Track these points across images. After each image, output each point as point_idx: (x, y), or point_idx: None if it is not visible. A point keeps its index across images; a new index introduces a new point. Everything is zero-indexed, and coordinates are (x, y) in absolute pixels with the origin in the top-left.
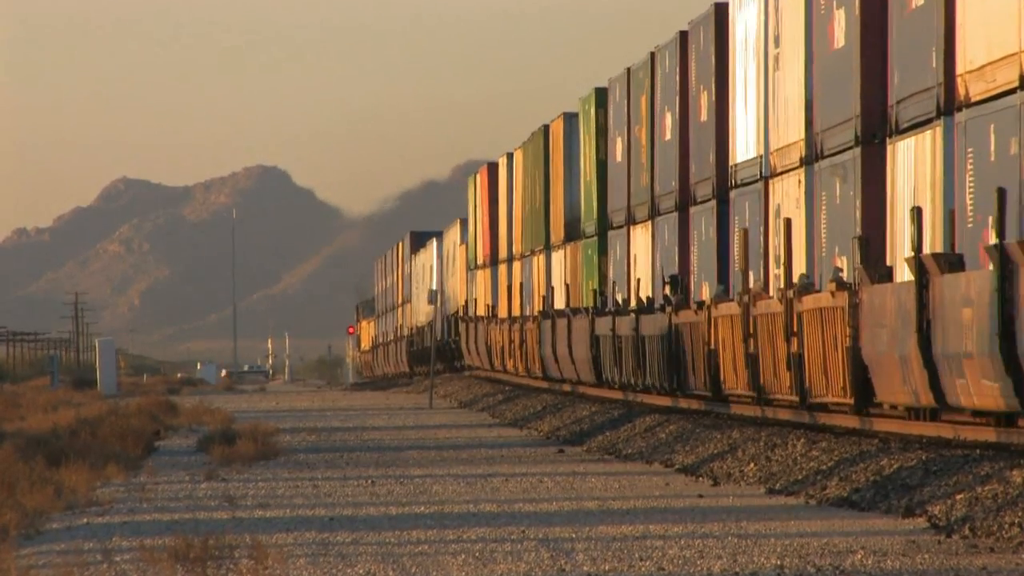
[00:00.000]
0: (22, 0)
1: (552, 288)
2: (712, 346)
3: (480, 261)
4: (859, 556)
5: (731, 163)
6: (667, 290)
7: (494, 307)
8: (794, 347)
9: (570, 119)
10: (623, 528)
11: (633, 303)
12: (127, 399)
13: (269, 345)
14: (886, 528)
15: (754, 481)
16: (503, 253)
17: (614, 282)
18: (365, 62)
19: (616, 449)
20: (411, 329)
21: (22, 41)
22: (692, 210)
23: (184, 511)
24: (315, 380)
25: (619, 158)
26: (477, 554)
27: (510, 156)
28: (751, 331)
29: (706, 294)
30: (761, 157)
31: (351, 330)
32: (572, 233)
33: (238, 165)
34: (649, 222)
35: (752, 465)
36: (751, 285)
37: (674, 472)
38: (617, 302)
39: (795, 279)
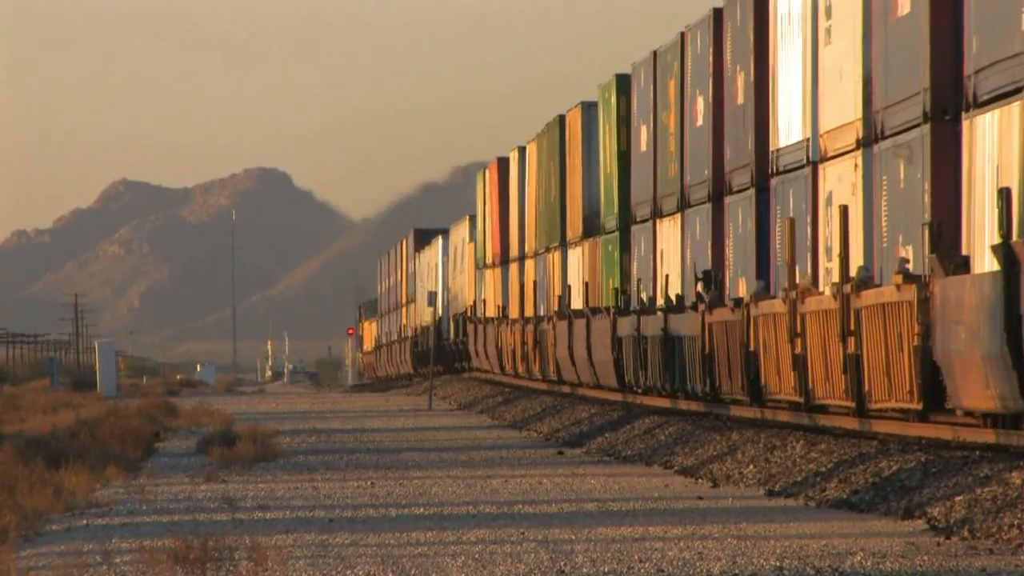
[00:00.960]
0: (22, 1)
1: (569, 287)
2: (752, 347)
3: (490, 260)
4: (858, 558)
5: (772, 148)
6: (699, 287)
7: (505, 308)
8: (850, 347)
9: (588, 108)
10: (623, 530)
11: (661, 301)
12: (127, 401)
13: (269, 347)
14: (885, 530)
15: (753, 483)
16: (515, 251)
17: (639, 280)
18: (365, 64)
19: (615, 451)
20: (415, 329)
21: (22, 42)
22: (727, 200)
23: (184, 513)
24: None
25: (644, 147)
26: (477, 556)
27: (522, 150)
28: (798, 330)
29: (743, 291)
30: (808, 140)
31: (351, 331)
32: (591, 229)
33: (238, 167)
34: (678, 214)
35: (751, 467)
36: (798, 280)
37: (673, 474)
38: (642, 301)
39: (852, 272)
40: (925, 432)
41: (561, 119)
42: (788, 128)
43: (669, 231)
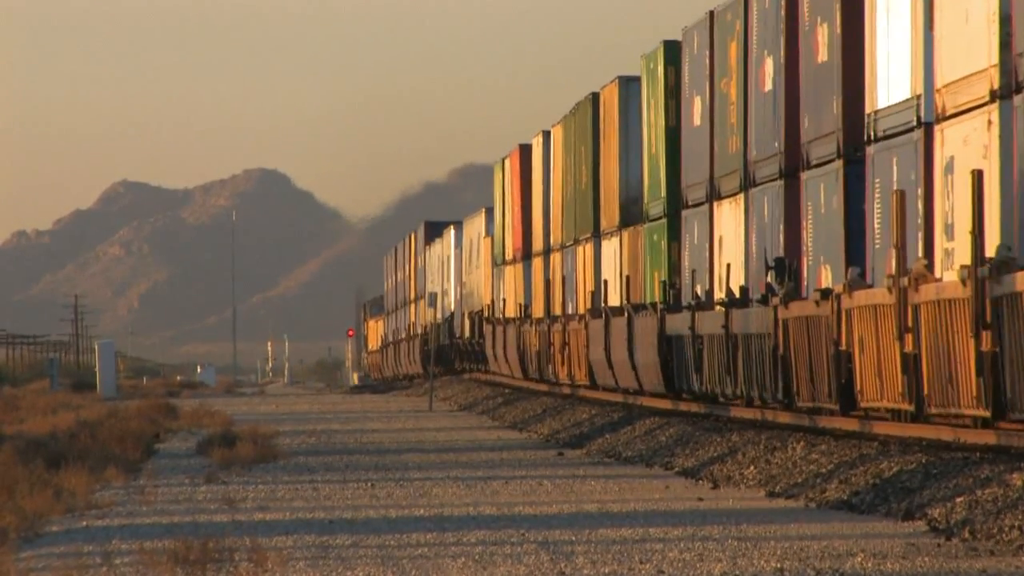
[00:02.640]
0: (22, 2)
1: (605, 282)
2: (844, 346)
3: (510, 255)
4: (859, 559)
5: (868, 111)
6: (769, 278)
7: (527, 306)
8: (985, 343)
9: (627, 84)
10: (623, 531)
11: (720, 295)
12: (126, 402)
13: (269, 348)
14: (886, 531)
15: (754, 484)
16: (538, 245)
17: (693, 271)
18: (365, 64)
19: (616, 452)
20: (425, 326)
21: (22, 43)
22: (804, 176)
23: (184, 514)
24: (315, 383)
25: (697, 122)
26: (477, 557)
27: (546, 134)
28: (909, 325)
29: (826, 280)
30: (919, 98)
31: (351, 333)
32: (630, 217)
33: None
34: (741, 195)
35: (752, 468)
36: (911, 264)
37: (674, 475)
38: (697, 295)
39: (989, 252)
40: (925, 433)
41: (594, 97)
42: (890, 85)
43: (729, 215)
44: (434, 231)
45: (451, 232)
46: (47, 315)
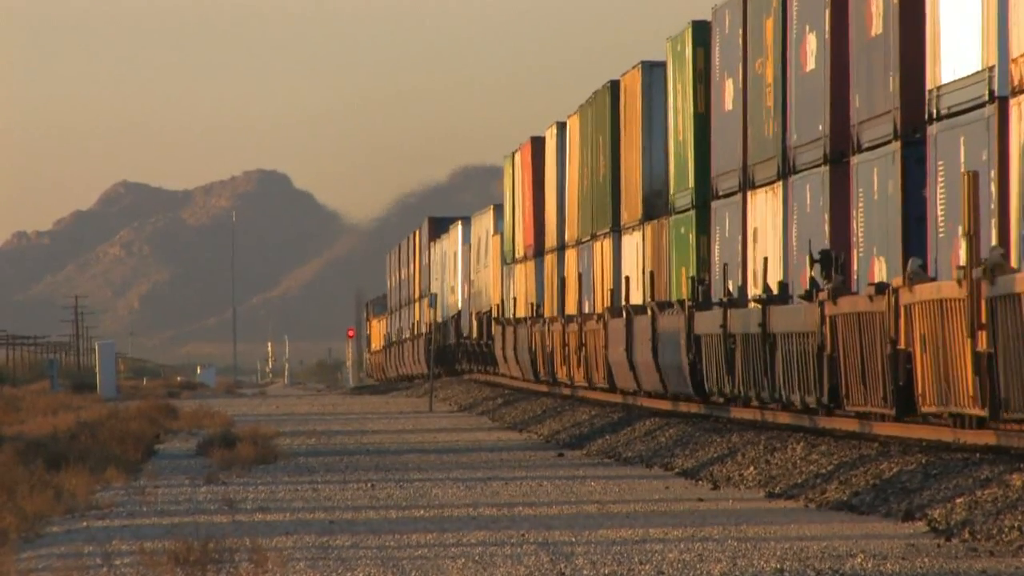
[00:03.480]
0: (21, 3)
1: (626, 279)
2: (903, 345)
3: (520, 252)
4: (859, 560)
5: (929, 87)
6: (813, 272)
7: (539, 306)
8: None
9: (651, 69)
10: (623, 532)
11: (755, 291)
12: (127, 403)
13: (269, 349)
14: (886, 532)
15: (754, 485)
16: (551, 241)
17: (725, 265)
18: (364, 65)
19: (616, 453)
20: (430, 325)
21: (22, 44)
22: (854, 160)
23: (184, 515)
24: (315, 384)
25: (729, 106)
26: (477, 558)
27: (561, 126)
28: (983, 321)
29: (880, 273)
30: (992, 69)
31: (351, 333)
32: (654, 209)
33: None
34: (778, 184)
35: (752, 469)
36: (984, 254)
37: (674, 476)
38: (729, 292)
39: None
40: (925, 434)
41: (614, 85)
42: (956, 58)
43: (765, 205)
44: (439, 227)
45: (458, 229)
46: (47, 316)
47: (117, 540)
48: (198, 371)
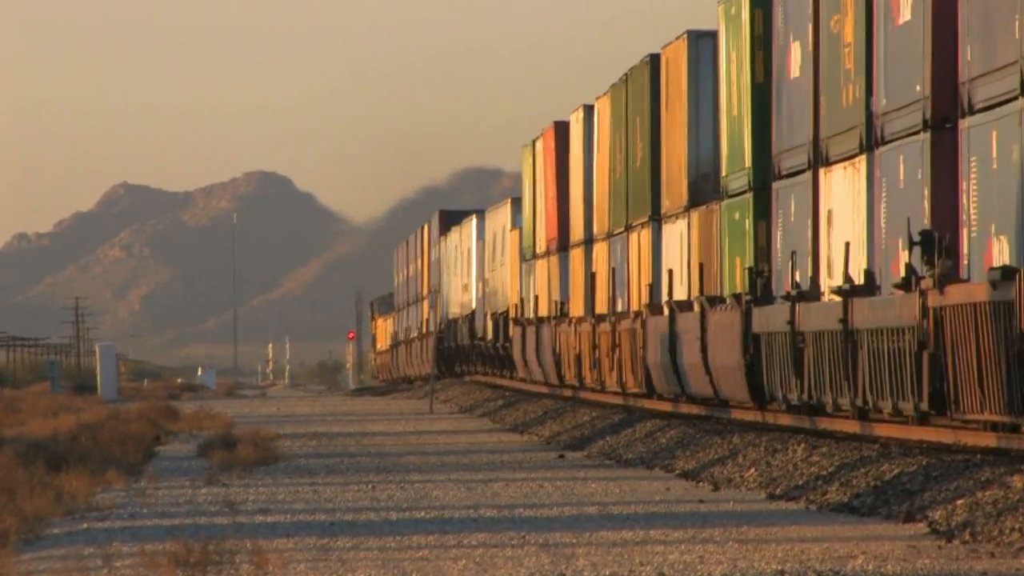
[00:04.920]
0: (22, 4)
1: (669, 272)
2: None
3: (542, 247)
4: (859, 561)
5: None
6: (912, 256)
7: (563, 304)
8: None
9: (697, 40)
10: (624, 533)
11: (831, 281)
12: (127, 404)
13: (270, 350)
14: (886, 533)
15: (755, 486)
16: (578, 234)
17: (793, 253)
18: (365, 66)
19: (617, 454)
20: (440, 323)
21: (21, 45)
22: (964, 124)
23: (184, 516)
24: (315, 385)
25: (796, 73)
26: (478, 559)
27: (588, 109)
28: None
29: (1001, 255)
30: None
31: (351, 335)
32: (701, 195)
33: (239, 170)
34: (861, 157)
35: (753, 470)
36: None
37: (675, 477)
38: (796, 284)
39: None
40: (926, 436)
41: (653, 59)
42: None
43: (843, 183)
44: (451, 221)
45: (472, 223)
46: (48, 317)
47: (117, 542)
48: (199, 373)
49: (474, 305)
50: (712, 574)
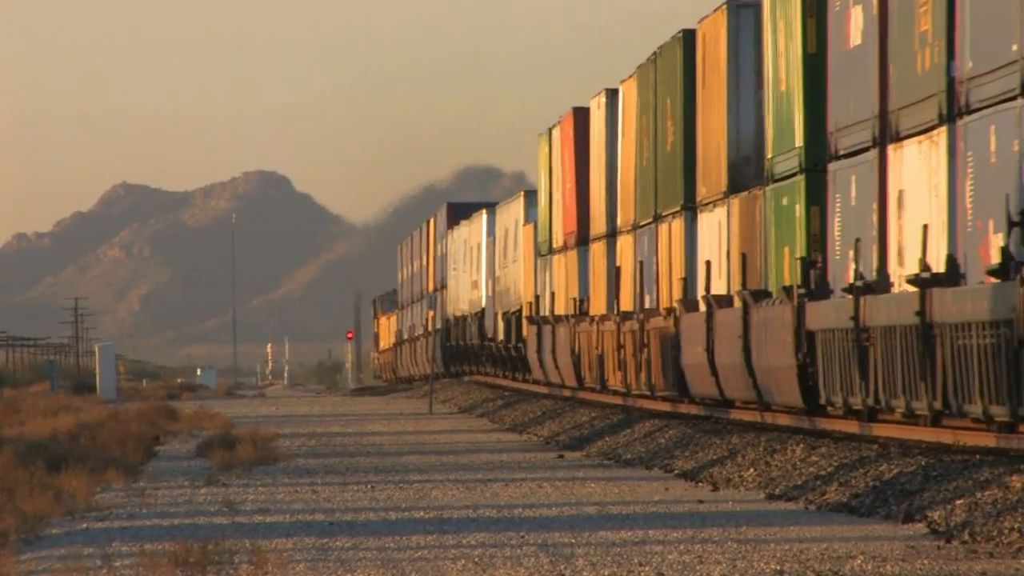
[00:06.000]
0: (22, 6)
1: (707, 264)
2: None
3: (559, 242)
4: (858, 561)
5: None
6: (1010, 239)
7: (583, 302)
8: None
9: (737, 11)
10: (623, 533)
11: (907, 270)
12: (127, 404)
13: (269, 350)
14: (885, 534)
15: (754, 486)
16: (599, 227)
17: (857, 240)
18: (364, 66)
19: (616, 454)
20: (447, 320)
21: (21, 45)
22: None
23: (184, 516)
24: (315, 385)
25: (857, 40)
26: (477, 559)
27: (611, 93)
28: None
29: None
30: None
31: (350, 335)
32: (742, 179)
33: (238, 170)
34: (941, 130)
35: (752, 470)
36: None
37: (674, 477)
38: (860, 275)
39: None
40: (925, 436)
41: (686, 35)
42: None
43: (918, 159)
44: (459, 214)
45: (482, 218)
46: (47, 317)
47: (117, 542)
48: (198, 373)
49: (484, 304)
50: (711, 574)
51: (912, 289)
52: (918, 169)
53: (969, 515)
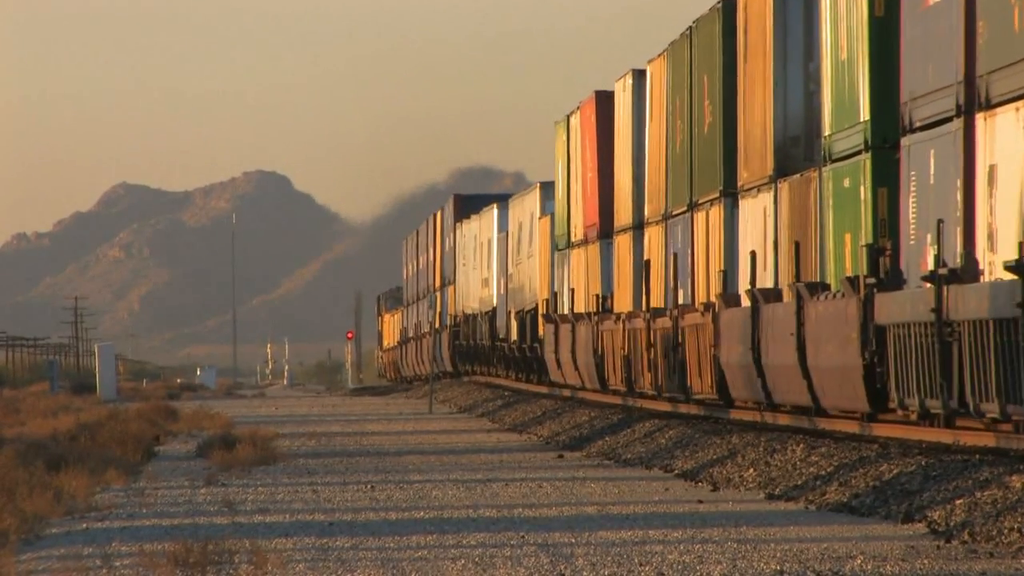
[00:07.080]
0: (21, 4)
1: (751, 254)
2: None
3: (579, 235)
4: (858, 561)
5: None
6: None
7: (606, 298)
8: None
9: None
10: (623, 533)
11: (1000, 256)
12: (127, 404)
13: (269, 350)
14: (885, 533)
15: (754, 486)
16: (624, 218)
17: (940, 222)
18: (365, 66)
19: (616, 454)
20: (455, 317)
21: (21, 45)
22: None
23: (184, 516)
24: (315, 385)
25: None
26: (477, 559)
27: (638, 74)
28: None
29: None
30: None
31: (350, 335)
32: (790, 162)
33: (238, 170)
34: None
35: (752, 470)
36: None
37: (674, 477)
38: (944, 261)
39: None
40: (925, 436)
41: (726, 6)
42: None
43: (1014, 128)
44: (468, 207)
45: (493, 213)
46: (47, 318)
47: (117, 541)
48: (198, 373)
49: (495, 302)
50: (711, 574)
51: (1010, 277)
52: (1013, 140)
53: (969, 515)
